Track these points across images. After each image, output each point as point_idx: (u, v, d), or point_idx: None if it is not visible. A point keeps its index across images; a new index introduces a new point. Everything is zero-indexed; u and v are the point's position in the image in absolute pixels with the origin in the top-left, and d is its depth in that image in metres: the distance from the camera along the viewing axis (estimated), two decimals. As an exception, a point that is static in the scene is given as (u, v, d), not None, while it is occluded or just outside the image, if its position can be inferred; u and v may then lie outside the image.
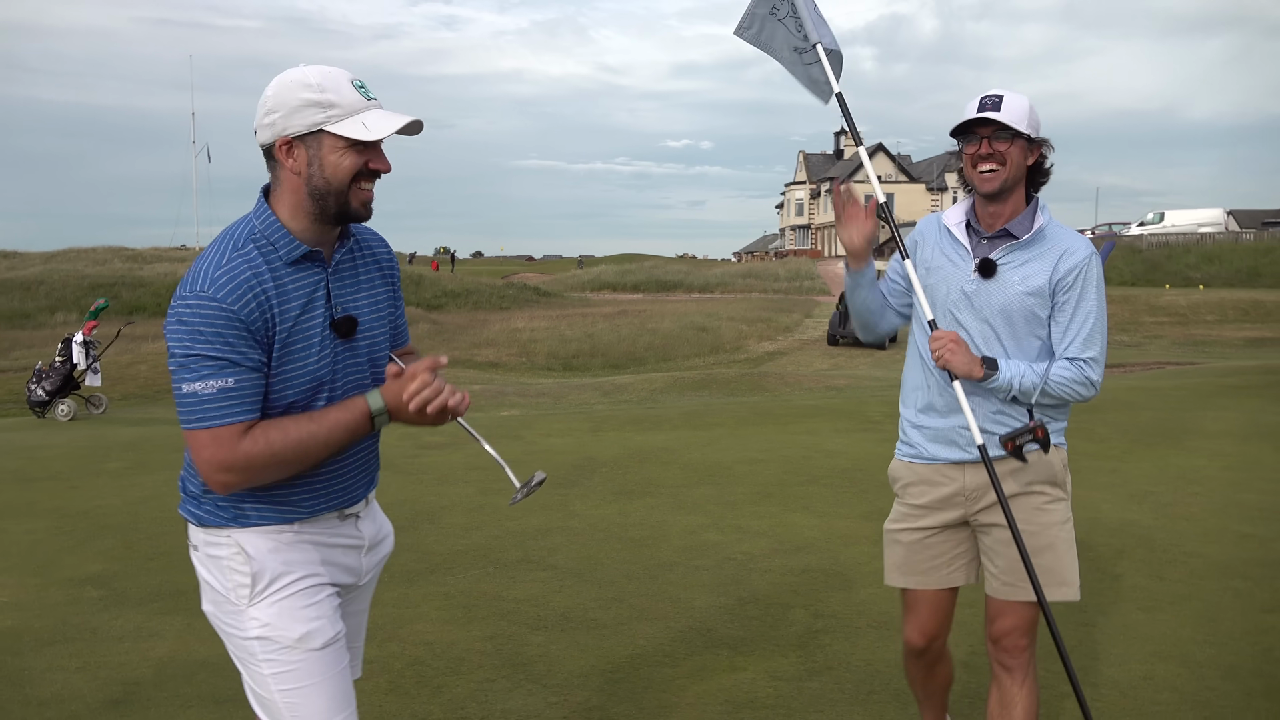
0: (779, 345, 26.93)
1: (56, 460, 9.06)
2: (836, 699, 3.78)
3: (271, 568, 2.08)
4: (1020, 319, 2.71)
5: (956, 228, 2.83)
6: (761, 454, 8.85)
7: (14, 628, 4.64)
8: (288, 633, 2.07)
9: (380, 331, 2.23)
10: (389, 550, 2.43)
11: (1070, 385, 2.69)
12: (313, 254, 2.07)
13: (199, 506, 2.12)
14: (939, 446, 2.84)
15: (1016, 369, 2.68)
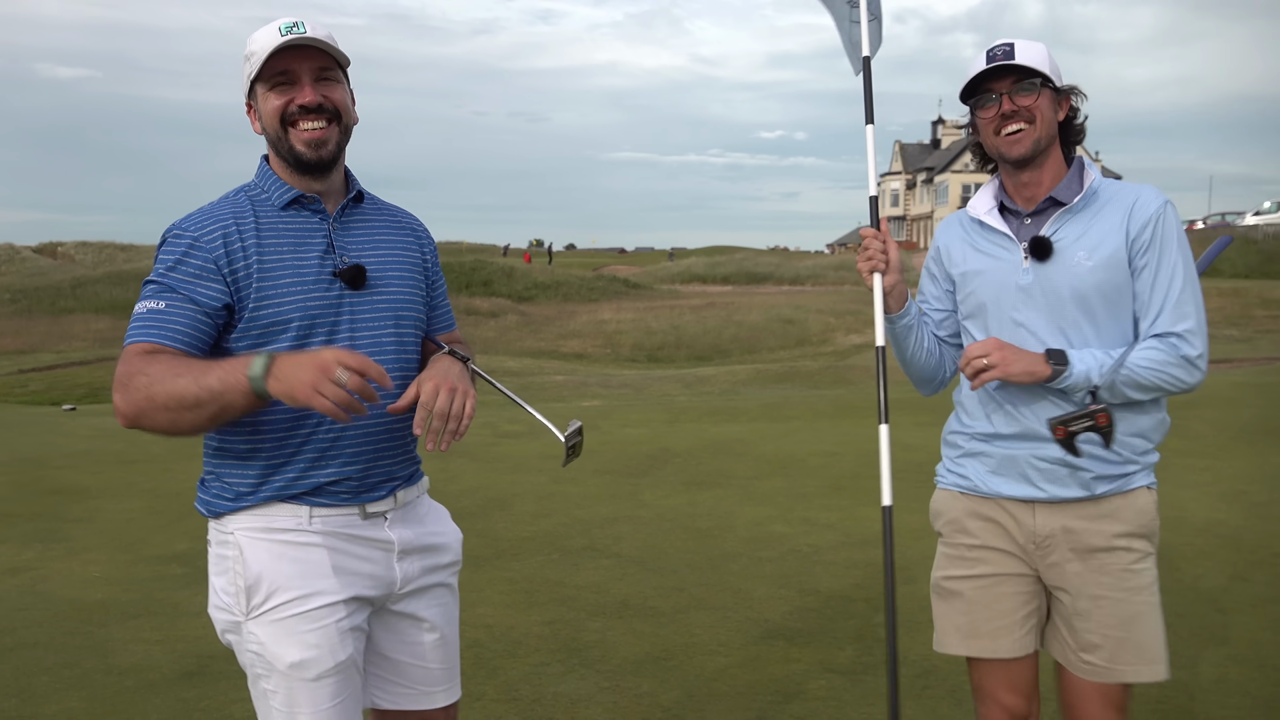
0: (867, 338, 26.50)
1: (155, 443, 9.46)
2: (903, 694, 3.73)
3: (270, 580, 1.96)
4: (1099, 301, 2.17)
5: (989, 215, 2.31)
6: (837, 447, 8.75)
7: (103, 600, 4.89)
8: (281, 658, 1.95)
9: (407, 293, 2.13)
10: (449, 561, 2.24)
11: (1163, 370, 2.13)
12: (305, 199, 2.04)
13: (207, 491, 2.05)
14: (1003, 480, 2.28)
15: (1092, 359, 2.13)
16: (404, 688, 2.18)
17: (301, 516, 1.99)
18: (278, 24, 1.97)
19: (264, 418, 1.96)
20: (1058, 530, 2.23)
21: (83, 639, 4.38)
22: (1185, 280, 2.17)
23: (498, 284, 40.24)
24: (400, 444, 2.12)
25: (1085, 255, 2.18)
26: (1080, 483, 2.20)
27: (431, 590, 2.18)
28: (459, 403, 1.94)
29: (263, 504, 1.99)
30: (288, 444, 1.98)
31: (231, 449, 2.00)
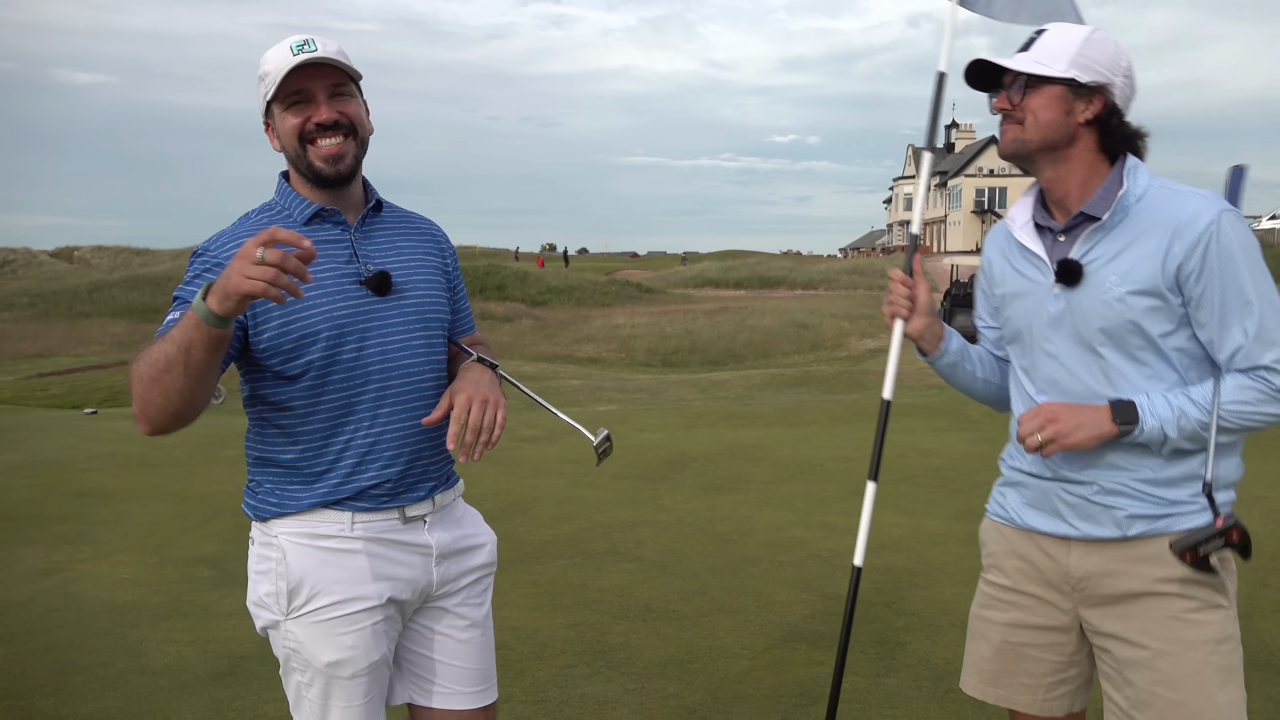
0: (881, 343, 26.54)
1: (178, 447, 9.58)
2: (913, 696, 3.78)
3: (310, 583, 2.03)
4: (1131, 334, 1.92)
5: (1023, 230, 2.09)
6: (854, 451, 8.79)
7: (133, 602, 4.97)
8: (318, 657, 2.02)
9: (432, 296, 2.17)
10: (484, 562, 2.27)
11: (1256, 410, 1.88)
12: (327, 212, 2.08)
13: (254, 496, 2.10)
14: (1038, 514, 2.08)
15: (1165, 408, 1.89)
16: (441, 687, 2.23)
17: (344, 522, 2.05)
18: (289, 43, 2.01)
19: (302, 428, 2.03)
20: (1094, 572, 1.99)
21: (116, 640, 4.45)
22: (1262, 300, 1.87)
23: (511, 288, 40.39)
24: (436, 444, 2.16)
25: (1117, 280, 1.92)
26: (1114, 521, 1.97)
27: (468, 590, 2.23)
28: (490, 414, 2.00)
29: (308, 510, 2.04)
30: (327, 452, 2.04)
31: (274, 459, 2.07)
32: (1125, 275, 1.91)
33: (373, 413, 2.05)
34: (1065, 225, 2.02)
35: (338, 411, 2.04)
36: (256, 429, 2.10)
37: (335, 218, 2.09)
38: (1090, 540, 2.00)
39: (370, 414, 2.05)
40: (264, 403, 2.06)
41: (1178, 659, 1.92)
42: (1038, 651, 2.11)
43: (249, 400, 2.10)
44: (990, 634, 2.17)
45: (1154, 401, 1.90)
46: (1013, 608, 2.13)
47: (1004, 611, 2.15)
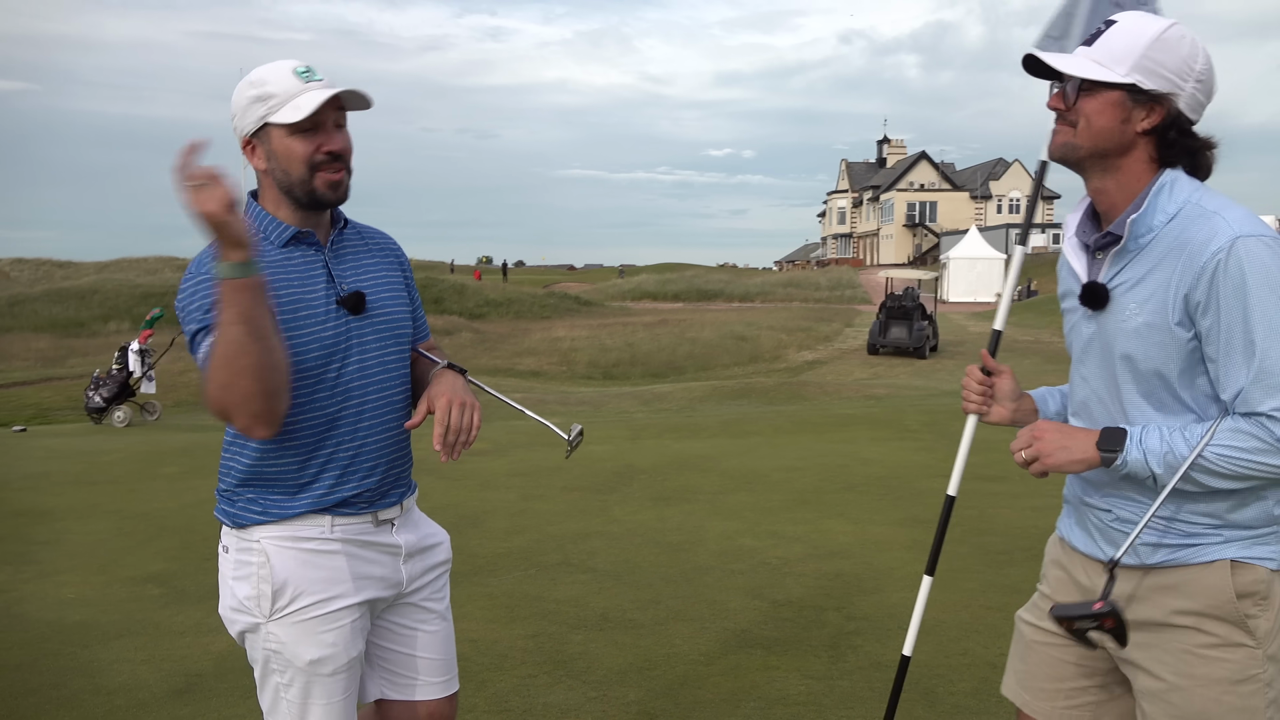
0: (819, 354, 26.96)
1: (115, 465, 9.39)
2: (867, 697, 3.90)
3: (294, 585, 2.10)
4: (1149, 364, 1.82)
5: (1068, 245, 1.98)
6: (798, 461, 8.95)
7: (82, 622, 4.89)
8: (300, 655, 2.10)
9: (399, 313, 2.26)
10: (444, 559, 2.40)
11: (1252, 459, 1.72)
12: (302, 235, 2.13)
13: (232, 505, 2.15)
14: (1080, 532, 2.03)
15: (1155, 441, 1.79)
16: (413, 679, 2.34)
17: (324, 526, 2.14)
18: (291, 67, 2.06)
19: (289, 443, 2.10)
20: (1117, 596, 1.89)
21: (67, 660, 4.39)
22: (1269, 339, 1.70)
23: (449, 301, 40.12)
24: (406, 456, 2.30)
25: (1136, 309, 1.82)
26: (1133, 550, 1.89)
27: (431, 586, 2.35)
28: (469, 416, 2.13)
29: (291, 518, 2.12)
30: (312, 465, 2.12)
31: (259, 472, 2.12)
32: (1143, 303, 1.81)
33: (354, 427, 2.15)
34: (1096, 244, 1.91)
35: (322, 426, 2.12)
36: (239, 442, 2.14)
37: (310, 239, 2.15)
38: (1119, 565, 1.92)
39: (352, 428, 2.15)
40: None
41: (1189, 694, 1.84)
42: (1060, 654, 2.06)
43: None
44: (1023, 633, 2.15)
45: (1147, 433, 1.80)
46: (1045, 615, 2.08)
47: (1040, 617, 2.11)
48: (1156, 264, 1.79)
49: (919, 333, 25.33)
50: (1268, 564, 1.83)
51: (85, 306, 41.38)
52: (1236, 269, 1.69)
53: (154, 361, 14.06)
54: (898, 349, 25.57)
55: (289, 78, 2.04)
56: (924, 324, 25.61)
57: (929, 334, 25.71)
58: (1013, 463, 1.97)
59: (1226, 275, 1.70)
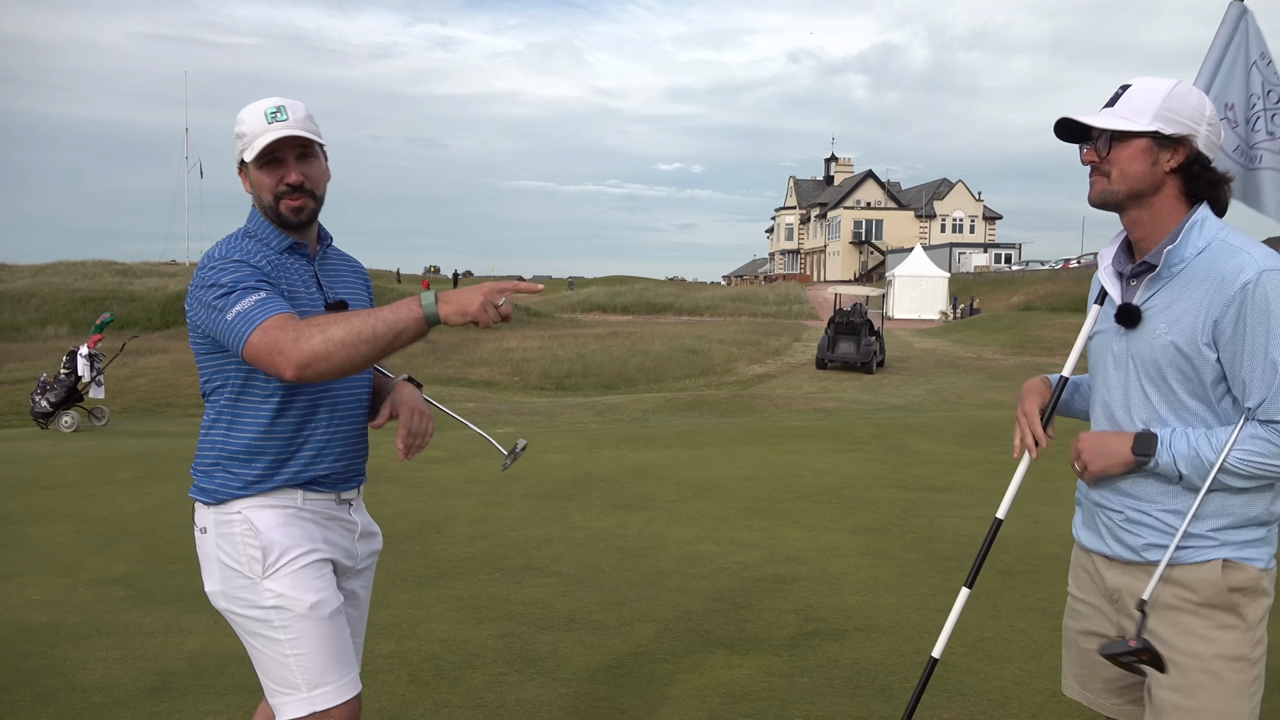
0: (768, 368, 27.30)
1: (68, 469, 9.30)
2: (826, 692, 4.09)
3: (280, 542, 2.33)
4: (1174, 377, 2.09)
5: (1104, 273, 2.26)
6: (753, 471, 9.16)
7: (49, 623, 4.91)
8: (301, 601, 2.30)
9: None
10: (379, 548, 2.66)
11: (1266, 461, 2.02)
12: (298, 246, 2.44)
13: (211, 480, 2.37)
14: (1088, 532, 2.31)
15: (1182, 445, 2.07)
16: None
17: (297, 499, 2.40)
18: (264, 108, 2.35)
19: (276, 424, 2.36)
20: (1123, 587, 2.20)
21: (38, 659, 4.42)
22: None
23: (399, 310, 39.93)
24: (365, 446, 2.59)
25: (1165, 329, 2.09)
26: (1136, 547, 2.16)
27: (365, 573, 2.62)
28: (426, 424, 2.49)
29: (269, 491, 2.37)
30: (292, 444, 2.39)
31: (243, 449, 2.37)
32: (1172, 324, 2.07)
33: (330, 415, 2.44)
34: (1132, 271, 2.19)
35: (304, 413, 2.40)
36: (228, 419, 2.38)
37: (303, 250, 2.47)
38: (1121, 560, 2.20)
39: (328, 416, 2.43)
40: (243, 401, 2.37)
41: (1188, 671, 2.08)
42: (1103, 661, 2.25)
43: (230, 395, 2.38)
44: (1070, 640, 2.39)
45: (1175, 437, 2.07)
46: (1081, 617, 2.35)
47: (1076, 620, 2.36)
48: (1186, 290, 2.07)
49: (867, 348, 25.80)
50: (1257, 563, 2.11)
51: (21, 310, 40.42)
52: (1262, 298, 1.98)
53: (103, 366, 13.89)
54: (846, 364, 26.02)
55: (259, 118, 2.34)
56: (871, 340, 26.10)
57: (876, 350, 26.19)
58: (959, 476, 2.19)
59: (1254, 303, 1.99)
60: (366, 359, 2.16)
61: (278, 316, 2.19)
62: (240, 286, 2.24)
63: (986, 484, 8.38)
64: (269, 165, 2.36)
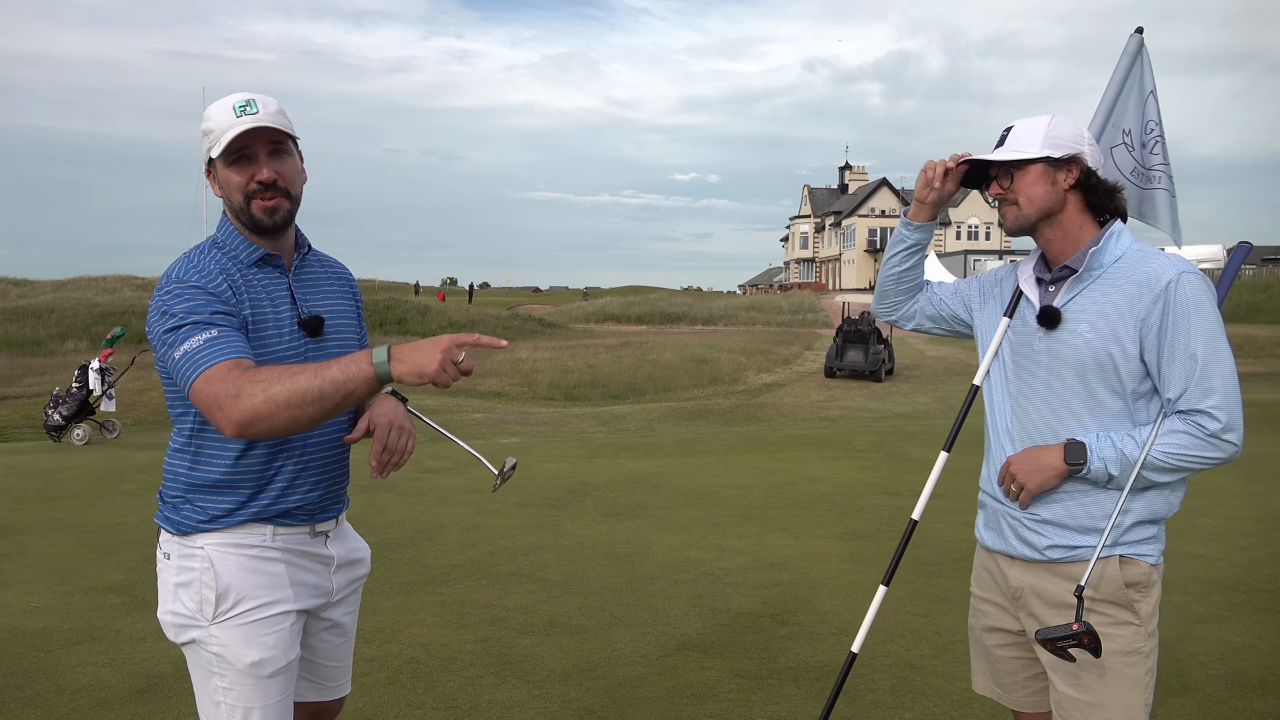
0: (777, 377, 27.32)
1: (75, 481, 9.48)
2: (792, 694, 4.18)
3: (237, 589, 2.20)
4: (1095, 374, 2.22)
5: (1026, 281, 2.41)
6: (747, 479, 9.24)
7: (44, 628, 5.05)
8: (243, 657, 2.19)
9: (349, 335, 2.41)
10: (364, 573, 2.52)
11: (1189, 453, 2.15)
12: (270, 258, 2.27)
13: (177, 512, 2.24)
14: (990, 532, 2.44)
15: (1110, 448, 2.18)
16: (314, 683, 2.49)
17: (266, 534, 2.26)
18: (232, 102, 2.19)
19: (245, 453, 2.21)
20: (1026, 585, 2.31)
21: (30, 663, 4.56)
22: (1206, 351, 2.13)
23: (412, 322, 40.15)
24: (344, 473, 2.44)
25: (1088, 328, 2.22)
26: (1040, 547, 2.28)
27: (348, 600, 2.49)
28: (403, 441, 2.28)
29: (236, 525, 2.23)
30: (263, 476, 2.24)
31: (208, 479, 2.22)
32: (1094, 324, 2.21)
33: (302, 445, 2.28)
34: (1052, 277, 2.34)
35: (273, 444, 2.24)
36: (193, 451, 2.24)
37: (276, 262, 2.29)
38: (1024, 559, 2.32)
39: (300, 446, 2.28)
40: (207, 433, 2.21)
41: (1086, 666, 2.22)
42: (1005, 652, 2.44)
43: (192, 427, 2.22)
44: (976, 639, 2.52)
45: (1100, 443, 2.19)
46: (984, 615, 2.47)
47: (980, 619, 2.49)
48: (1108, 292, 2.22)
49: (875, 356, 25.80)
50: (1149, 559, 2.24)
51: (42, 325, 40.88)
52: (1184, 296, 2.14)
53: (114, 380, 14.11)
54: (854, 372, 26.01)
55: (227, 113, 2.18)
56: (880, 348, 26.08)
57: (885, 358, 26.18)
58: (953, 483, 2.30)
59: (1176, 300, 2.14)
60: (312, 420, 2.01)
61: (222, 365, 2.03)
62: (190, 320, 2.09)
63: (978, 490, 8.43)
64: (238, 162, 2.21)
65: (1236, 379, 2.18)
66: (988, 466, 2.46)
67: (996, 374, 2.44)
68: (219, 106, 2.22)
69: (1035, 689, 2.43)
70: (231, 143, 2.18)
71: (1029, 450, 2.28)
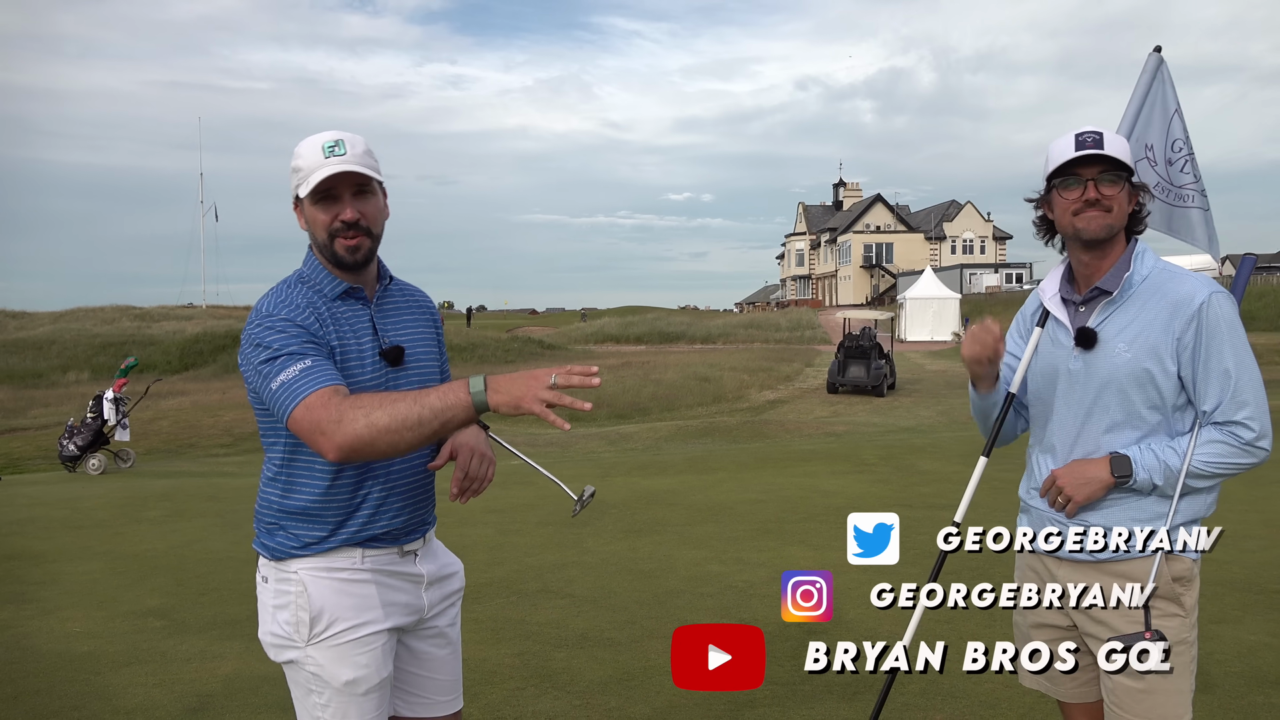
0: (780, 394, 27.49)
1: (99, 510, 9.61)
2: (825, 698, 4.32)
3: (330, 612, 2.29)
4: (1135, 391, 2.33)
5: (1051, 302, 2.50)
6: (761, 495, 9.39)
7: (91, 652, 5.19)
8: (338, 676, 2.28)
9: (430, 364, 2.47)
10: (458, 588, 2.59)
11: (1226, 461, 2.31)
12: (353, 290, 2.35)
13: (271, 538, 2.34)
14: (1028, 528, 2.50)
15: (1153, 459, 2.32)
16: (420, 697, 2.56)
17: (355, 558, 2.34)
18: (322, 142, 2.27)
19: (333, 482, 2.30)
20: (1075, 581, 2.39)
21: (82, 685, 4.69)
22: (1238, 366, 2.29)
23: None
24: (430, 495, 2.52)
25: (1125, 346, 2.33)
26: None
27: (446, 613, 2.56)
28: (485, 468, 2.40)
29: (327, 551, 2.32)
30: (350, 504, 2.33)
31: (300, 508, 2.32)
32: (1132, 342, 2.32)
33: (386, 472, 2.35)
34: (1083, 298, 2.43)
35: (359, 472, 2.32)
36: (284, 480, 2.33)
37: (359, 295, 2.38)
38: (1070, 560, 2.44)
39: (384, 473, 2.35)
40: (297, 463, 2.31)
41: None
42: (1055, 647, 2.44)
43: (283, 456, 2.32)
44: (1024, 635, 2.61)
45: (1144, 455, 2.32)
46: (1031, 612, 2.56)
47: (1025, 616, 2.60)
48: (1140, 312, 2.33)
49: (877, 371, 25.99)
50: (1190, 555, 2.37)
51: (43, 357, 41.01)
52: (1215, 316, 2.29)
53: (128, 409, 14.26)
54: (856, 387, 26.19)
55: (316, 153, 2.27)
56: (881, 363, 26.27)
57: (886, 373, 26.36)
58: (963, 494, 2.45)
59: (1209, 320, 2.29)
60: (410, 445, 2.08)
61: (322, 391, 2.12)
62: (285, 352, 2.18)
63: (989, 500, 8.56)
64: (324, 201, 2.28)
65: (1264, 390, 2.34)
66: (1028, 480, 2.58)
67: (1034, 392, 2.55)
68: (309, 145, 2.30)
69: (1084, 680, 2.54)
70: (319, 184, 2.27)
71: (1075, 463, 2.40)
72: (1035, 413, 2.58)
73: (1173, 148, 2.92)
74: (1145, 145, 2.90)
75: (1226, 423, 2.30)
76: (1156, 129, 2.91)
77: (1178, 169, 2.92)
